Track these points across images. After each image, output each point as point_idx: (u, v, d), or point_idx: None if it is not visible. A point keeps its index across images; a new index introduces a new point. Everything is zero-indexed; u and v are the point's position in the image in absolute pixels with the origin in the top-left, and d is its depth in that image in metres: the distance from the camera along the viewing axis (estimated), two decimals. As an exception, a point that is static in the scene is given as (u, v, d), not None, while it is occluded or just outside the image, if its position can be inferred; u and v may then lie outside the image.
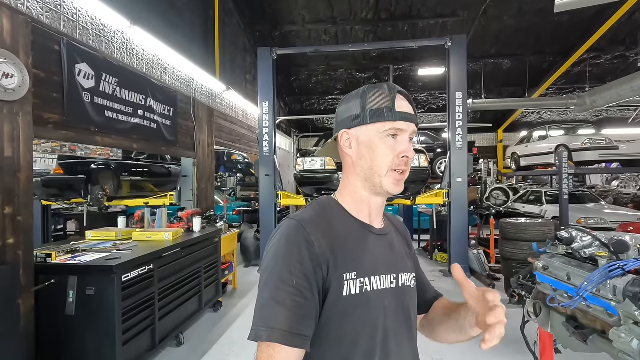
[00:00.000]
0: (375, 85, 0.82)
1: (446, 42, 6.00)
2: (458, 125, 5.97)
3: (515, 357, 3.12)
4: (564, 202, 7.22)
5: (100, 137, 3.28)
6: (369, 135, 0.79)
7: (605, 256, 1.76)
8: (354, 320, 0.73)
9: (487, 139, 15.00)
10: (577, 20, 7.84)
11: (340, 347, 0.73)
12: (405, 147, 0.79)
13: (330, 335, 0.72)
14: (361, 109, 0.80)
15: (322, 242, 0.73)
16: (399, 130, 0.78)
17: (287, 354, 0.65)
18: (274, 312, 0.67)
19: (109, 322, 2.52)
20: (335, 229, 0.77)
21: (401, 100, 0.80)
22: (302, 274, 0.69)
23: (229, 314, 4.35)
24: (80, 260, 2.64)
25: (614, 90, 7.66)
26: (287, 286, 0.68)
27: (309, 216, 0.78)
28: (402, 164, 0.79)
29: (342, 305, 0.72)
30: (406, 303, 0.84)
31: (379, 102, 0.79)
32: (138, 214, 4.28)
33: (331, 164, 4.35)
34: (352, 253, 0.76)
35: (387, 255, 0.84)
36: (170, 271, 3.31)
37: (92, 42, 3.27)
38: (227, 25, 7.21)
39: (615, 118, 13.60)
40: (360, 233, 0.81)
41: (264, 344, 0.66)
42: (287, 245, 0.72)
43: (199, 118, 5.42)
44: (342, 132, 0.83)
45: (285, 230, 0.75)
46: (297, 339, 0.66)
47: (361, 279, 0.75)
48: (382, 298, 0.77)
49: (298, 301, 0.67)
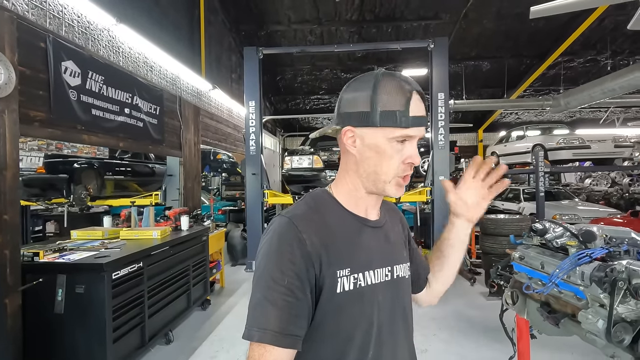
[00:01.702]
0: (389, 76, 0.74)
1: (429, 44, 6.18)
2: (440, 125, 6.16)
3: (495, 345, 3.29)
4: (540, 199, 7.54)
5: (87, 135, 3.26)
6: (376, 138, 0.74)
7: (574, 245, 1.91)
8: (348, 316, 0.73)
9: (468, 139, 15.42)
10: (552, 25, 8.19)
11: (335, 343, 0.73)
12: (412, 153, 0.75)
13: (324, 331, 0.72)
14: (371, 107, 0.72)
15: (315, 239, 0.71)
16: (409, 137, 0.74)
17: (278, 354, 0.65)
18: (265, 312, 0.67)
19: (100, 320, 2.52)
20: (328, 225, 0.76)
21: (416, 101, 0.73)
22: (293, 272, 0.68)
23: (217, 312, 4.37)
24: (69, 258, 2.63)
25: (585, 92, 8.05)
26: (279, 286, 0.67)
27: (301, 212, 0.76)
28: (408, 169, 0.76)
29: (336, 302, 0.72)
30: (401, 295, 0.84)
31: (393, 102, 0.72)
32: (124, 213, 4.24)
33: (318, 163, 4.43)
34: (345, 249, 0.75)
35: (383, 247, 0.83)
36: (159, 269, 3.32)
37: (78, 39, 3.25)
38: (212, 24, 7.18)
39: (588, 119, 14.23)
40: (355, 227, 0.79)
41: (255, 344, 0.66)
42: (278, 243, 0.71)
43: (185, 117, 5.41)
44: (347, 129, 0.76)
45: (277, 228, 0.73)
46: (288, 339, 0.66)
47: (355, 275, 0.74)
48: (377, 292, 0.77)
49: (289, 301, 0.67)
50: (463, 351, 3.32)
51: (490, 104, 10.22)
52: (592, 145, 8.69)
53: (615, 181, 12.39)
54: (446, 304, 4.45)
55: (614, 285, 1.65)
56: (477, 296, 4.82)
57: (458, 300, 4.60)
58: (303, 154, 4.66)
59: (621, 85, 7.15)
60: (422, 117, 0.74)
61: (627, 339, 1.68)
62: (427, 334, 3.67)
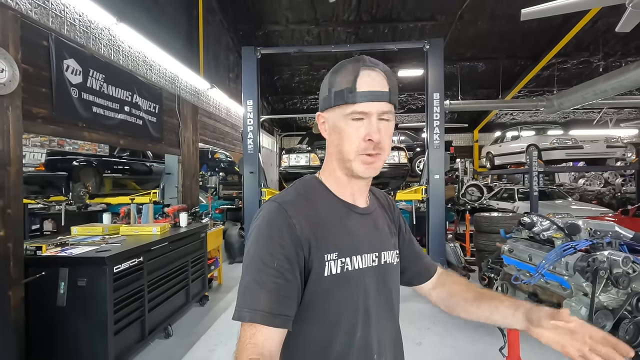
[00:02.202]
0: (344, 61, 0.77)
1: (424, 45, 6.26)
2: (436, 125, 6.24)
3: (487, 339, 3.37)
4: (534, 198, 7.68)
5: (88, 132, 3.31)
6: (335, 118, 0.77)
7: (560, 237, 2.00)
8: (335, 299, 0.75)
9: (463, 139, 15.55)
10: (545, 27, 8.32)
11: (323, 326, 0.75)
12: (369, 130, 0.74)
13: (313, 314, 0.74)
14: (328, 91, 0.77)
15: (304, 223, 0.73)
16: (362, 113, 0.74)
17: (268, 333, 0.67)
18: (255, 294, 0.68)
19: (101, 312, 2.57)
20: (317, 210, 0.77)
21: (366, 77, 0.73)
22: (283, 256, 0.70)
23: (215, 307, 4.43)
24: (71, 252, 2.68)
25: (578, 93, 8.18)
26: (269, 268, 0.69)
27: (291, 197, 0.78)
28: (370, 148, 0.75)
29: (324, 285, 0.73)
30: (387, 281, 0.85)
31: (342, 81, 0.74)
32: (124, 210, 4.29)
33: (315, 160, 4.51)
34: (333, 233, 0.76)
35: (370, 234, 0.84)
36: (158, 264, 3.38)
37: (80, 38, 3.30)
38: (210, 23, 7.24)
39: (582, 119, 14.41)
40: (343, 213, 0.81)
41: (246, 324, 0.67)
42: (268, 228, 0.72)
43: (183, 115, 5.46)
44: (317, 115, 0.83)
45: (267, 213, 0.75)
46: (278, 319, 0.67)
47: (342, 259, 0.75)
48: (364, 277, 0.78)
49: (279, 282, 0.69)
50: (457, 344, 3.40)
51: (485, 105, 10.35)
52: (585, 145, 8.84)
53: (608, 181, 12.57)
54: (440, 299, 4.53)
55: (595, 275, 1.74)
56: (471, 292, 4.91)
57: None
58: (300, 152, 4.73)
59: (613, 86, 7.28)
60: (375, 91, 0.73)
61: (608, 325, 1.77)
62: (421, 327, 3.75)
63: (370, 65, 0.75)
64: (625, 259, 1.74)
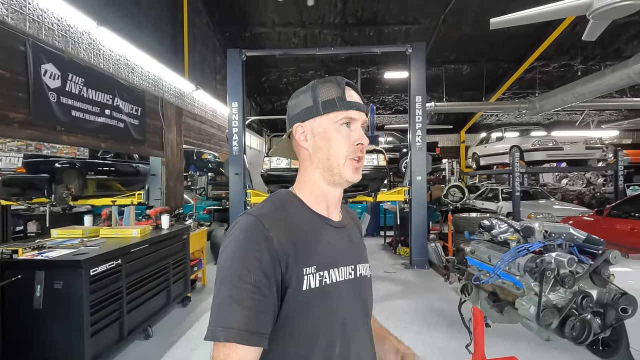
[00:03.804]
0: (323, 79, 0.83)
1: (407, 49, 6.38)
2: (418, 127, 6.37)
3: (458, 336, 3.49)
4: (516, 198, 7.85)
5: (67, 136, 3.34)
6: (324, 125, 0.80)
7: (515, 239, 2.11)
8: (314, 313, 0.74)
9: (450, 140, 15.78)
10: (526, 31, 8.52)
11: (301, 342, 0.73)
12: (359, 135, 0.80)
13: (291, 329, 0.73)
14: (313, 101, 0.81)
15: (281, 237, 0.72)
16: (352, 119, 0.80)
17: (243, 352, 0.65)
18: (231, 311, 0.67)
19: (77, 314, 2.61)
20: (294, 223, 0.77)
21: (350, 91, 0.82)
22: (260, 270, 0.68)
23: (197, 308, 4.48)
24: (48, 255, 2.72)
25: (558, 96, 8.41)
26: (245, 284, 0.67)
27: (267, 211, 0.78)
28: (358, 151, 0.80)
29: (302, 299, 0.72)
30: (363, 292, 0.86)
31: (330, 93, 0.80)
32: (105, 212, 4.31)
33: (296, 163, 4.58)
34: (311, 247, 0.76)
35: (346, 247, 0.85)
36: (138, 266, 3.42)
37: (58, 42, 3.33)
38: (196, 25, 7.26)
39: (565, 121, 14.73)
40: (319, 226, 0.81)
41: (219, 344, 0.66)
42: (245, 241, 0.71)
43: (167, 117, 5.49)
44: (297, 125, 0.83)
45: (244, 226, 0.74)
46: (255, 338, 0.66)
47: (320, 272, 0.75)
48: (341, 290, 0.78)
49: (256, 298, 0.67)
50: (431, 341, 3.52)
51: (469, 107, 10.54)
52: (565, 147, 9.07)
53: (590, 181, 12.89)
54: (419, 298, 4.66)
55: (542, 275, 1.85)
56: (449, 291, 5.04)
57: (431, 294, 4.81)
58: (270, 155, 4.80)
59: (590, 90, 7.51)
60: (360, 103, 0.82)
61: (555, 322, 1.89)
62: (399, 326, 3.86)
63: (351, 85, 0.84)
64: (570, 260, 1.85)
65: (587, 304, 1.88)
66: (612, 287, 1.95)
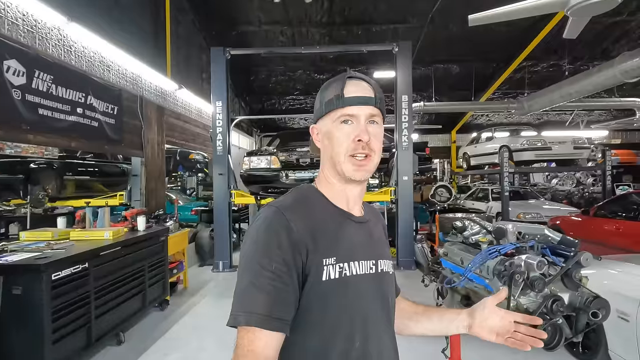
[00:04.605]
0: (333, 77, 0.85)
1: (393, 48, 6.32)
2: (404, 127, 6.31)
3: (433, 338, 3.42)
4: (505, 198, 7.83)
5: (33, 135, 3.22)
6: (327, 125, 0.82)
7: (486, 241, 2.05)
8: (333, 304, 0.74)
9: (442, 140, 15.78)
10: (514, 32, 8.51)
11: (321, 332, 0.74)
12: (358, 131, 0.78)
13: (311, 320, 0.73)
14: (319, 103, 0.84)
15: (302, 227, 0.73)
16: (350, 116, 0.79)
17: (267, 337, 0.66)
18: (252, 297, 0.68)
19: (37, 321, 2.51)
20: (315, 215, 0.78)
21: (352, 86, 0.80)
22: (281, 259, 0.69)
23: (175, 312, 4.36)
24: (7, 260, 2.60)
25: (546, 96, 8.42)
26: (266, 271, 0.68)
27: (289, 202, 0.79)
28: (359, 148, 0.78)
29: (322, 289, 0.73)
30: (384, 288, 0.85)
31: (331, 92, 0.81)
32: (79, 214, 4.19)
33: (276, 163, 4.49)
34: (331, 238, 0.77)
35: (367, 242, 0.85)
36: (108, 270, 3.30)
37: (23, 38, 3.21)
38: (181, 23, 7.14)
39: (555, 121, 14.81)
40: (340, 219, 0.82)
41: (243, 329, 0.67)
42: (266, 231, 0.73)
43: (147, 117, 5.37)
44: (311, 127, 0.89)
45: (265, 216, 0.75)
46: (276, 323, 0.67)
47: (340, 264, 0.75)
48: (361, 283, 0.78)
49: (277, 286, 0.68)
50: (408, 343, 3.44)
51: (459, 106, 10.53)
52: (553, 146, 9.09)
53: (580, 181, 12.96)
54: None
55: (511, 278, 1.78)
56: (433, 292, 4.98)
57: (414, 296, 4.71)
58: (261, 154, 4.71)
59: (577, 90, 7.52)
60: (362, 96, 0.80)
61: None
62: (378, 329, 3.78)
63: (356, 76, 0.83)
64: (540, 262, 1.79)
65: (557, 308, 1.80)
66: (584, 290, 1.88)
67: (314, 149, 0.95)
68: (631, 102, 10.05)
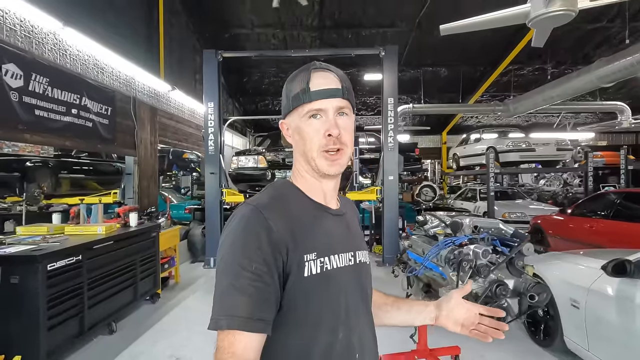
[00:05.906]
0: (297, 70, 0.82)
1: (380, 52, 6.54)
2: (390, 128, 6.53)
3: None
4: (491, 198, 8.07)
5: (30, 134, 3.40)
6: (295, 120, 0.80)
7: (442, 233, 2.27)
8: (317, 299, 0.74)
9: (432, 141, 16.05)
10: (499, 36, 8.78)
11: (304, 327, 0.73)
12: (328, 125, 0.76)
13: (294, 318, 0.73)
14: (286, 98, 0.81)
15: (281, 226, 0.72)
16: (318, 110, 0.77)
17: (247, 339, 0.65)
18: (233, 300, 0.67)
19: (34, 308, 2.69)
20: (292, 211, 0.77)
21: (318, 78, 0.78)
22: (261, 259, 0.68)
23: (166, 304, 4.54)
24: (5, 251, 2.78)
25: (530, 99, 8.69)
26: (246, 272, 0.67)
27: (266, 200, 0.77)
28: (331, 143, 0.77)
29: (304, 285, 0.72)
30: (362, 279, 0.85)
31: (297, 86, 0.78)
32: (74, 210, 4.37)
33: (263, 162, 4.70)
34: (310, 234, 0.76)
35: (345, 234, 0.85)
36: (101, 263, 3.48)
37: (21, 43, 3.38)
38: (174, 26, 7.32)
39: (543, 123, 15.13)
40: (318, 213, 0.81)
41: (224, 332, 0.65)
42: (244, 231, 0.71)
43: (140, 117, 5.55)
44: (281, 123, 0.86)
45: (243, 215, 0.74)
46: (258, 324, 0.66)
47: (321, 259, 0.75)
48: (342, 276, 0.78)
49: (258, 286, 0.67)
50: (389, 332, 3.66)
51: (447, 108, 10.79)
52: (537, 148, 9.35)
53: (567, 182, 13.26)
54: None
55: (459, 265, 2.01)
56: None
57: (396, 289, 4.96)
58: (249, 154, 4.91)
59: (558, 93, 7.79)
60: (329, 89, 0.77)
61: (471, 309, 2.04)
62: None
63: (321, 67, 0.80)
64: (485, 251, 2.01)
65: (500, 292, 2.03)
66: (527, 277, 2.11)
67: (287, 143, 0.96)
68: (613, 105, 10.36)
